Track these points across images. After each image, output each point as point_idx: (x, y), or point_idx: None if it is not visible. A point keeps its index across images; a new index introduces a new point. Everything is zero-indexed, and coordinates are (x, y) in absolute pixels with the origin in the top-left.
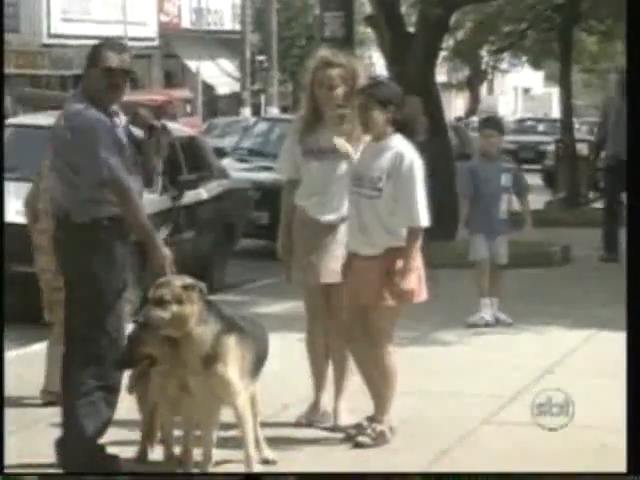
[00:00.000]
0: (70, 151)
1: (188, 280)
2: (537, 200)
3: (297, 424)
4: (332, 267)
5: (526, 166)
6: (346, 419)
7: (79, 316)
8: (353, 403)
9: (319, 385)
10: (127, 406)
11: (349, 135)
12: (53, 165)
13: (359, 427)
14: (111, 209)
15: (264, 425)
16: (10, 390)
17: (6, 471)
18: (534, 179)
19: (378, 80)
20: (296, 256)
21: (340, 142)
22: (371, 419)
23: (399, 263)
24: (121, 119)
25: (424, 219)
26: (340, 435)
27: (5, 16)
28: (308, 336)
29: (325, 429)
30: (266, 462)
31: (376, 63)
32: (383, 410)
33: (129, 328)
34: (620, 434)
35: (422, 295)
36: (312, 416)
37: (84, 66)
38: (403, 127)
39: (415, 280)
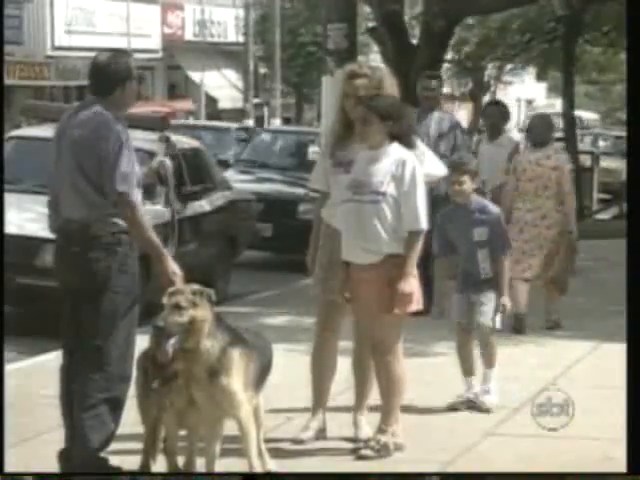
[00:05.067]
0: (93, 160)
1: (198, 287)
2: None
3: (296, 442)
4: None
5: None
6: (367, 432)
7: (91, 327)
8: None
9: (319, 402)
10: (130, 418)
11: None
12: (70, 177)
13: (367, 440)
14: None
15: (267, 437)
16: (14, 402)
17: (6, 471)
18: None
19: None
20: (318, 268)
21: None
22: (376, 430)
23: (399, 269)
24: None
25: (424, 222)
26: (343, 447)
27: (9, 28)
28: (315, 352)
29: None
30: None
31: None
32: (388, 420)
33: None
34: (623, 445)
35: (420, 303)
36: (307, 434)
37: (114, 79)
38: (399, 138)
39: (415, 286)
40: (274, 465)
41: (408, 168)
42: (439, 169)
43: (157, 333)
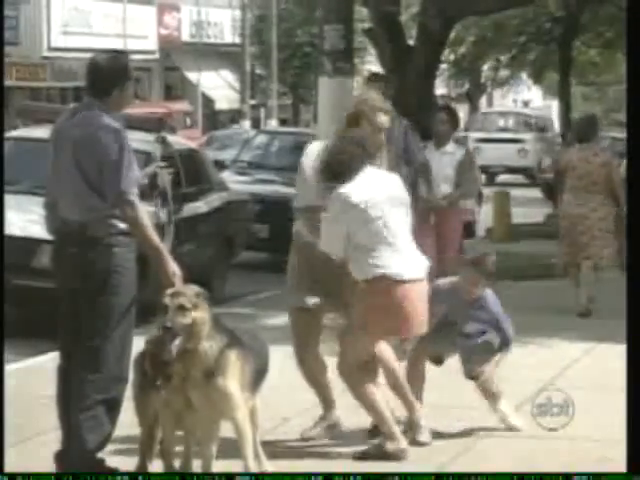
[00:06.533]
0: (92, 162)
1: (197, 288)
2: (537, 213)
3: (306, 438)
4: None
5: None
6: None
7: (89, 328)
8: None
9: (324, 401)
10: (127, 419)
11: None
12: (68, 178)
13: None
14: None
15: (263, 438)
16: (13, 402)
17: (6, 471)
18: (534, 192)
19: None
20: (293, 274)
21: None
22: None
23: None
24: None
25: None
26: (341, 447)
27: (5, 29)
28: (298, 357)
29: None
30: None
31: None
32: (381, 427)
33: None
34: (620, 446)
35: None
36: (320, 429)
37: (112, 80)
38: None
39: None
40: (270, 466)
41: None
42: None
43: (164, 334)
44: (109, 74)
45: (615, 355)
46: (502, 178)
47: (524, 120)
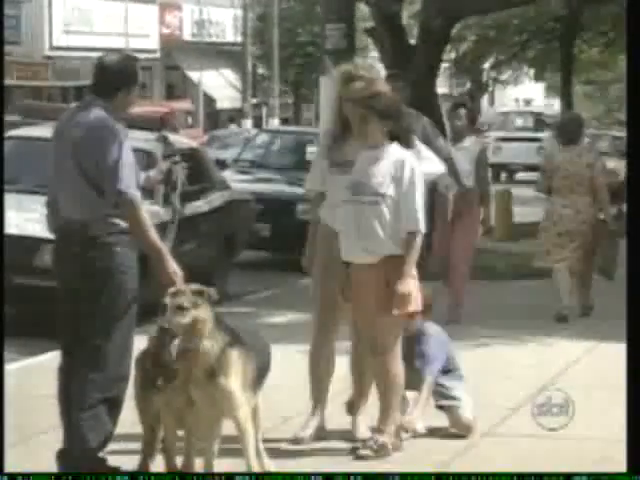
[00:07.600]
0: (93, 161)
1: (199, 287)
2: (538, 212)
3: (295, 441)
4: None
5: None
6: (365, 432)
7: (90, 327)
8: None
9: (318, 401)
10: (129, 418)
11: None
12: (69, 177)
13: (365, 440)
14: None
15: (265, 437)
16: (13, 401)
17: (7, 471)
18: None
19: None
20: (316, 269)
21: None
22: (374, 430)
23: (398, 270)
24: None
25: (423, 223)
26: (342, 447)
27: (6, 28)
28: (313, 352)
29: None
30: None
31: None
32: (386, 420)
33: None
34: (621, 446)
35: (418, 304)
36: (306, 432)
37: (120, 82)
38: (397, 138)
39: (414, 287)
40: (272, 465)
41: (407, 169)
42: (437, 166)
43: (162, 334)
44: (118, 75)
45: (615, 355)
46: (521, 175)
47: (541, 119)
